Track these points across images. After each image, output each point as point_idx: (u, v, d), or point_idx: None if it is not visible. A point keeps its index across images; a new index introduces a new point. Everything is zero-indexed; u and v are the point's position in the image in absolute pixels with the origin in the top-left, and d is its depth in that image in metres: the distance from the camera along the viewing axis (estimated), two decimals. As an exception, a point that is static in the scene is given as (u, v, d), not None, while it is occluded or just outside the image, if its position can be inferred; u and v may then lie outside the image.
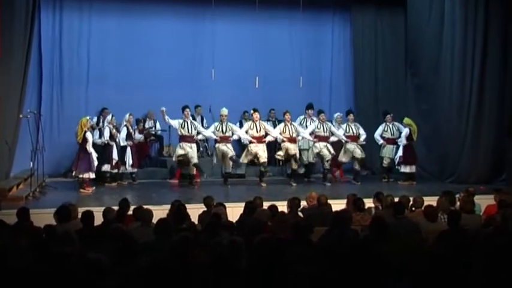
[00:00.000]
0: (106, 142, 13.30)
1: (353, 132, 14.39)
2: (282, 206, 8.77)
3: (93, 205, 9.93)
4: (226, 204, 8.95)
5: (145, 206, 8.10)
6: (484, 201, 9.80)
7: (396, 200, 8.67)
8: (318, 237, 6.36)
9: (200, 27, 16.22)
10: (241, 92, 15.66)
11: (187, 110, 13.45)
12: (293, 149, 13.71)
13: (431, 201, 8.80)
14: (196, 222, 7.87)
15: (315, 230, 6.46)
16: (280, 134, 13.72)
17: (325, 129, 14.05)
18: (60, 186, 13.08)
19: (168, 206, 8.78)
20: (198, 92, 15.97)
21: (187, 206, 8.38)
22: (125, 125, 13.77)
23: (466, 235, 6.43)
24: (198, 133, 13.53)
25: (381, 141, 14.71)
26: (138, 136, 14.24)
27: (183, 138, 13.29)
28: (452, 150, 14.46)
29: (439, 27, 14.74)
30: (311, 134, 14.08)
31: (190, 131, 13.29)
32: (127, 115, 13.86)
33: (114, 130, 13.48)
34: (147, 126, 15.08)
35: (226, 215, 8.27)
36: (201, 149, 14.87)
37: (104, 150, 13.29)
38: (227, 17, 16.09)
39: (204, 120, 15.35)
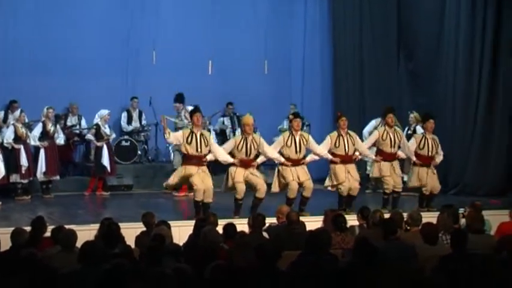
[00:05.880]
0: (9, 145, 13.09)
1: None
2: (242, 225, 8.78)
3: (-2, 225, 9.83)
4: (171, 223, 8.92)
5: (66, 226, 8.04)
6: (496, 218, 9.87)
7: (387, 216, 8.73)
8: (288, 264, 6.38)
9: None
10: (190, 80, 15.62)
11: (198, 114, 11.29)
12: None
13: (430, 217, 8.88)
14: (133, 246, 7.86)
15: (283, 255, 6.48)
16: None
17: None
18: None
19: (97, 226, 8.71)
20: (134, 80, 15.95)
21: (121, 225, 8.32)
22: (43, 121, 13.55)
23: (474, 261, 6.50)
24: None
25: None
26: (61, 137, 13.94)
27: (189, 159, 11.25)
28: (456, 154, 14.60)
29: (440, 1, 14.93)
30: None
31: (199, 149, 11.22)
32: (45, 109, 13.65)
33: (23, 130, 13.28)
34: (69, 123, 14.93)
35: (171, 237, 8.25)
36: (139, 152, 14.82)
37: (10, 156, 13.12)
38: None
39: (143, 116, 15.29)
